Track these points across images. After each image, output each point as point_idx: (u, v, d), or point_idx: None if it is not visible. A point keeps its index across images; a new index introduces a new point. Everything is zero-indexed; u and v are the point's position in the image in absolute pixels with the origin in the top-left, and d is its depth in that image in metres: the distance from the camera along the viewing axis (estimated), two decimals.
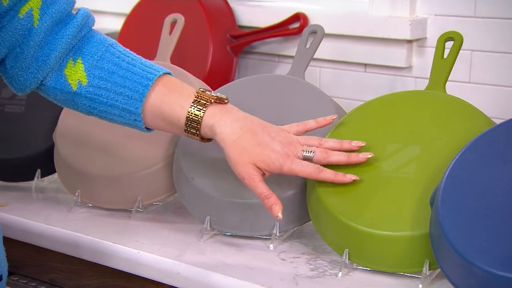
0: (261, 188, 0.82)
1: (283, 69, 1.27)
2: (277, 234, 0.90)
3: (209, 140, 0.87)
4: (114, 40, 0.89)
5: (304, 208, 0.90)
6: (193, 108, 0.84)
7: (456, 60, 1.06)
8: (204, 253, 0.88)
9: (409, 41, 1.11)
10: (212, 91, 0.87)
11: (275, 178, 0.89)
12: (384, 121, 0.88)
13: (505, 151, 0.76)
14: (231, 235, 0.92)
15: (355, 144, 0.85)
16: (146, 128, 0.87)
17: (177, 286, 0.86)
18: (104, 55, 0.85)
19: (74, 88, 0.85)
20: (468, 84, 1.08)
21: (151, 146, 0.99)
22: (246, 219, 0.90)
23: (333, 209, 0.83)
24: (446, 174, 0.78)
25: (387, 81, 1.16)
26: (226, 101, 0.86)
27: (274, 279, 0.81)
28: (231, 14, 1.30)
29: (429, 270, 0.79)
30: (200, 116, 0.84)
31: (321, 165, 0.85)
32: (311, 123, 0.89)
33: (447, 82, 1.07)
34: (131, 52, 0.89)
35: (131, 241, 0.91)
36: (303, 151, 0.85)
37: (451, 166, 0.78)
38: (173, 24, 1.13)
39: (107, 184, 0.99)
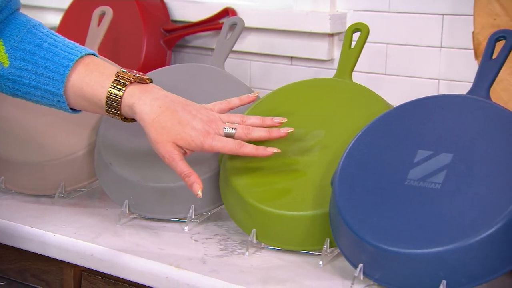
0: (181, 166, 0.83)
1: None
2: (193, 217, 0.93)
3: (133, 120, 0.87)
4: (38, 22, 0.88)
5: (219, 191, 0.93)
6: (113, 88, 0.85)
7: (373, 53, 1.12)
8: (119, 235, 0.91)
9: (330, 35, 1.16)
10: (135, 71, 0.87)
11: (189, 162, 0.93)
12: (291, 107, 0.91)
13: (397, 133, 0.81)
14: (149, 219, 0.95)
15: (277, 120, 0.87)
16: (71, 109, 0.87)
17: (91, 268, 0.88)
18: (26, 37, 0.85)
19: None
20: (385, 76, 1.13)
21: (74, 133, 1.01)
22: (163, 203, 0.93)
23: (240, 191, 0.86)
24: (344, 155, 0.83)
25: (312, 73, 1.20)
26: (148, 81, 0.86)
27: (183, 259, 0.84)
28: (165, 9, 1.33)
29: (329, 248, 0.83)
30: (120, 96, 0.84)
31: (243, 141, 0.85)
32: (235, 101, 0.90)
33: (365, 74, 1.13)
34: (55, 33, 0.88)
35: (49, 225, 0.93)
36: (225, 128, 0.85)
37: (348, 148, 0.83)
38: (102, 16, 1.15)
39: (30, 170, 1.01)
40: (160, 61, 1.32)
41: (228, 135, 0.85)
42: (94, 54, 0.88)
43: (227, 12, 1.24)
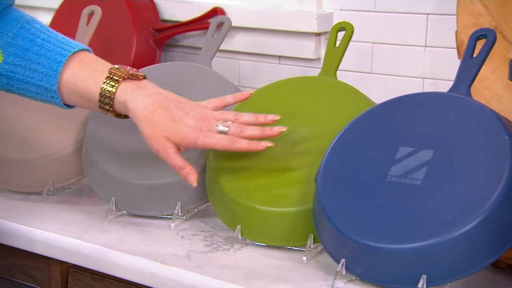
0: (176, 159, 0.83)
1: None
2: (179, 214, 0.94)
3: (126, 116, 0.86)
4: (32, 17, 0.88)
5: (205, 188, 0.94)
6: (106, 85, 0.85)
7: (359, 52, 1.13)
8: (106, 232, 0.92)
9: (317, 34, 1.17)
10: (128, 68, 0.87)
11: None
12: (277, 105, 0.92)
13: (379, 130, 0.82)
14: (136, 215, 0.96)
15: (270, 118, 0.87)
16: (65, 104, 0.87)
17: (77, 264, 0.89)
18: (19, 32, 0.85)
19: None
20: (371, 75, 1.14)
21: (62, 130, 1.02)
22: (150, 200, 0.94)
23: (225, 188, 0.87)
24: (327, 152, 0.84)
25: (300, 72, 1.21)
26: (141, 77, 0.86)
27: (168, 255, 0.85)
28: (154, 8, 1.34)
29: (313, 243, 0.84)
30: (113, 92, 0.84)
31: None
32: (229, 98, 0.90)
33: (351, 73, 1.14)
34: (49, 29, 0.88)
35: (37, 222, 0.94)
36: (218, 125, 0.85)
37: (331, 145, 0.84)
38: (91, 15, 1.16)
39: (18, 168, 1.01)
40: (150, 60, 1.33)
41: (221, 133, 0.85)
42: (88, 50, 0.88)
43: (215, 11, 1.25)
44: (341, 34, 0.97)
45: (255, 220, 0.85)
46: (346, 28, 0.95)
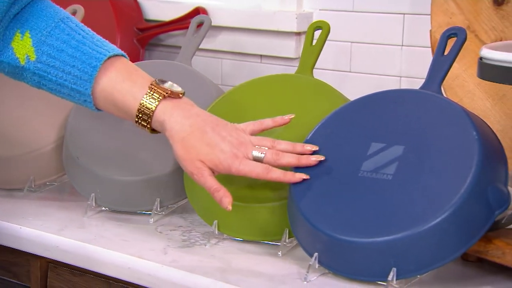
0: (210, 182, 0.82)
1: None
2: (158, 209, 0.95)
3: (159, 132, 0.85)
4: (67, 14, 0.87)
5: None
6: (145, 101, 0.84)
7: (338, 52, 1.15)
8: (85, 227, 0.93)
9: (297, 33, 1.19)
10: (168, 82, 0.86)
11: (155, 155, 0.96)
12: (254, 101, 0.94)
13: (352, 126, 0.84)
14: (116, 211, 0.97)
15: (308, 148, 0.85)
16: (97, 109, 0.85)
17: (56, 259, 0.90)
18: (53, 32, 0.84)
19: (22, 63, 0.83)
20: (349, 73, 1.16)
21: (43, 127, 1.03)
22: (129, 196, 0.96)
23: None
24: None
25: (281, 70, 1.23)
26: (181, 95, 0.85)
27: (146, 250, 0.86)
28: (138, 8, 1.36)
29: (288, 238, 0.86)
30: (152, 110, 0.84)
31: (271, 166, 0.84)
32: (268, 122, 0.88)
33: (330, 72, 1.16)
34: (84, 27, 0.87)
35: (17, 218, 0.95)
36: (254, 151, 0.84)
37: (306, 140, 0.85)
38: (73, 14, 1.17)
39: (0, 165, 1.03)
40: (134, 59, 1.33)
41: (256, 159, 0.85)
42: (123, 55, 0.86)
43: (198, 11, 1.26)
44: (318, 34, 0.99)
45: (231, 215, 0.86)
46: (322, 27, 0.97)
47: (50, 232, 0.91)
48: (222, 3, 1.29)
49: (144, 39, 1.33)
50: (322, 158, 0.83)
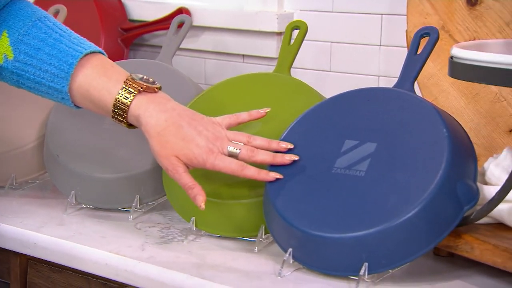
0: (185, 179, 0.82)
1: (173, 60, 1.35)
2: (137, 206, 0.96)
3: (137, 127, 0.85)
4: (44, 13, 0.87)
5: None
6: (120, 96, 0.84)
7: (318, 51, 1.16)
8: (64, 224, 0.94)
9: (278, 34, 1.20)
10: (144, 77, 0.86)
11: (135, 153, 0.97)
12: (232, 100, 0.95)
13: (327, 124, 0.85)
14: (96, 208, 0.98)
15: (283, 145, 0.85)
16: (76, 106, 0.86)
17: (36, 256, 0.91)
18: (30, 30, 0.84)
19: (1, 62, 0.84)
20: (329, 73, 1.17)
21: (25, 126, 1.04)
22: (109, 193, 0.97)
23: None
24: None
25: (263, 70, 1.24)
26: (157, 89, 0.85)
27: (123, 246, 0.87)
28: (122, 8, 1.37)
29: (265, 234, 0.87)
30: (127, 105, 0.84)
31: (245, 162, 0.84)
32: (244, 115, 0.88)
33: (310, 71, 1.17)
34: (61, 26, 0.87)
35: None
36: (229, 146, 0.84)
37: (281, 138, 0.87)
38: (56, 14, 1.18)
39: None
40: (118, 59, 1.35)
41: (231, 155, 0.85)
42: (101, 52, 0.87)
43: (181, 11, 1.28)
44: (296, 33, 1.00)
45: (209, 212, 0.87)
46: (300, 26, 0.98)
47: (30, 229, 0.91)
48: (205, 3, 1.30)
49: (128, 39, 1.35)
50: (296, 158, 0.84)
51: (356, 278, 0.76)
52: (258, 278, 0.79)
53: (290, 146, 0.85)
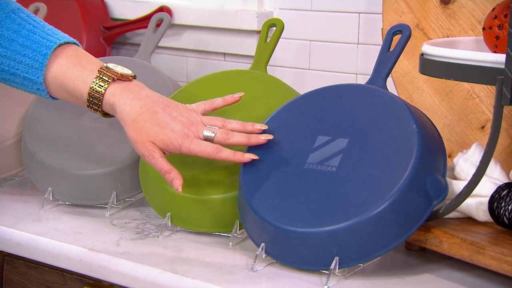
0: (161, 164, 0.83)
1: (154, 58, 1.36)
2: (114, 203, 0.97)
3: (113, 116, 0.86)
4: (18, 5, 0.87)
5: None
6: (95, 85, 0.84)
7: (298, 49, 1.17)
8: (41, 221, 0.94)
9: (258, 32, 1.20)
10: (118, 67, 0.86)
11: (112, 149, 0.97)
12: (209, 96, 0.95)
13: (300, 120, 0.86)
14: (74, 205, 0.99)
15: (257, 127, 0.86)
16: (52, 97, 0.86)
17: (11, 252, 0.91)
18: (4, 22, 0.84)
19: None
20: (308, 71, 1.18)
21: (3, 123, 1.04)
22: (86, 190, 0.97)
23: (155, 176, 0.90)
24: None
25: (243, 68, 1.25)
26: (131, 77, 0.86)
27: (98, 242, 0.87)
28: (104, 7, 1.38)
29: (239, 230, 0.87)
30: (101, 93, 0.84)
31: (221, 145, 0.85)
32: (218, 101, 0.89)
33: (290, 69, 1.18)
34: (35, 18, 0.87)
35: None
36: (204, 131, 0.85)
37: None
38: (36, 12, 1.19)
39: None
40: (100, 57, 1.36)
41: (207, 139, 0.86)
42: (74, 42, 0.87)
43: (162, 10, 1.28)
44: (271, 31, 1.01)
45: (184, 207, 0.88)
46: (276, 24, 0.99)
47: (5, 225, 0.92)
48: (186, 2, 1.31)
49: (110, 37, 1.35)
50: (271, 137, 0.85)
51: (327, 272, 0.77)
52: (231, 272, 0.80)
53: (265, 127, 0.86)
